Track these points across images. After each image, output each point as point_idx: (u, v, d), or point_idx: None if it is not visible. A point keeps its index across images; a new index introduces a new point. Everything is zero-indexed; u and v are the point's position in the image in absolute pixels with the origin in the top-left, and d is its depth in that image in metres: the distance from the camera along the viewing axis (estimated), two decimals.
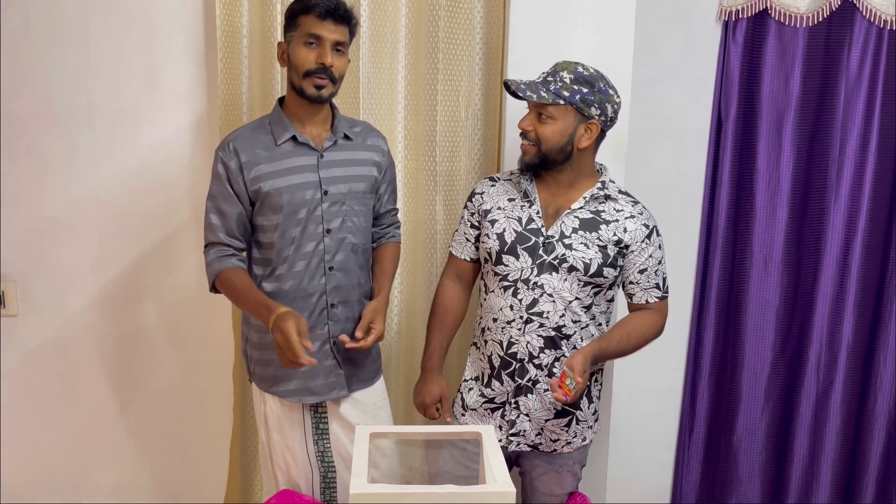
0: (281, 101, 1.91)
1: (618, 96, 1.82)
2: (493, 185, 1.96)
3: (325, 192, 1.83)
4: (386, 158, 1.99)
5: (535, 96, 1.75)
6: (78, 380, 2.53)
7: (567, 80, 1.75)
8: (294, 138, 1.83)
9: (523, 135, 1.83)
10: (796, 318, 2.64)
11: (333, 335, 1.88)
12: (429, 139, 2.35)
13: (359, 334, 1.82)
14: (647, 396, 2.69)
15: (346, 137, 1.89)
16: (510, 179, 1.95)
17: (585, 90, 1.75)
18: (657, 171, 2.49)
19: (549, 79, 1.77)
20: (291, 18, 1.79)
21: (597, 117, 1.78)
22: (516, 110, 2.25)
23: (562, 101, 1.75)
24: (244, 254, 1.89)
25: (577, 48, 2.20)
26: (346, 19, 1.78)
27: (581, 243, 1.80)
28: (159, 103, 2.37)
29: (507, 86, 1.83)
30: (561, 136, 1.78)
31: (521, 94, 1.77)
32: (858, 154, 2.52)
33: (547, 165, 1.82)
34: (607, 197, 1.85)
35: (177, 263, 2.47)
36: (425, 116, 2.35)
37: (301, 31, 1.76)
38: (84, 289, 2.47)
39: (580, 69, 1.77)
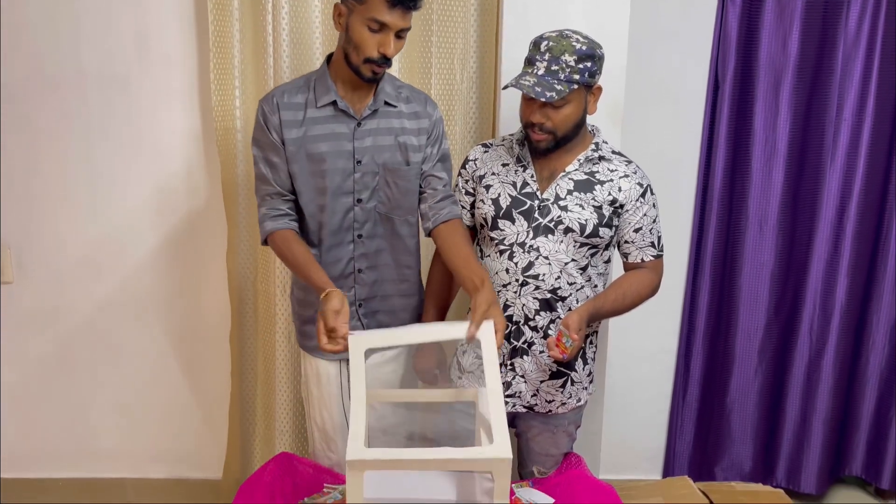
0: (328, 60, 1.84)
1: (602, 48, 1.77)
2: (486, 152, 1.95)
3: (359, 162, 1.80)
4: (432, 123, 1.89)
5: (554, 94, 1.68)
6: (74, 346, 2.55)
7: (572, 63, 1.69)
8: (335, 103, 1.79)
9: (537, 126, 1.76)
10: (791, 281, 2.65)
11: (359, 298, 1.89)
12: None
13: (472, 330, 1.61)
14: (642, 359, 2.71)
15: (388, 104, 1.83)
16: (503, 145, 1.94)
17: (589, 64, 1.72)
18: (653, 134, 2.47)
19: (554, 67, 1.70)
20: None
21: (598, 80, 1.77)
22: (512, 75, 2.23)
23: (574, 87, 1.71)
24: (294, 204, 1.84)
25: (573, 11, 2.17)
26: (415, 6, 1.70)
27: (576, 204, 1.80)
28: (150, 69, 2.35)
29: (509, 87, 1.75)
30: (576, 116, 1.77)
31: (535, 97, 1.69)
32: (855, 115, 2.50)
33: (563, 144, 1.80)
34: (601, 158, 1.85)
35: (171, 228, 2.47)
36: (420, 80, 2.32)
37: (367, 12, 1.66)
38: (79, 255, 2.47)
39: (577, 45, 1.70)
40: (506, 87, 1.76)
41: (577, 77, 1.70)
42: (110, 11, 2.29)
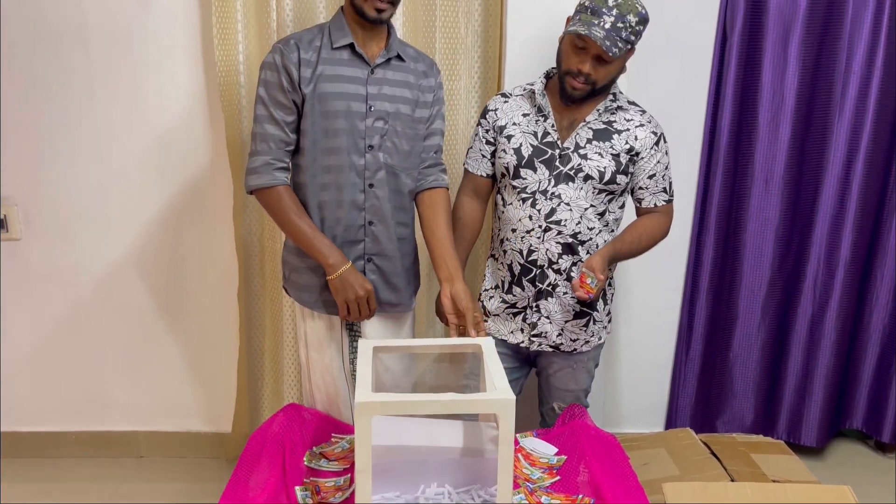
0: (342, 9, 1.84)
1: None
2: (505, 102, 1.97)
3: (370, 108, 1.80)
4: (437, 85, 1.92)
5: (617, 51, 1.73)
6: (82, 304, 2.57)
7: (633, 24, 1.75)
8: (351, 46, 1.79)
9: (578, 75, 1.79)
10: (795, 236, 2.65)
11: (369, 252, 1.88)
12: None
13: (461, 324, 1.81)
14: (646, 314, 2.73)
15: (399, 58, 1.85)
16: (522, 95, 1.97)
17: (643, 28, 1.79)
18: (660, 87, 2.45)
19: (619, 25, 1.73)
20: None
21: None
22: (518, 28, 2.21)
23: (629, 47, 1.78)
24: (290, 156, 1.84)
25: None
26: None
27: (595, 153, 1.87)
28: (153, 23, 2.33)
29: (578, 37, 1.75)
30: (617, 72, 1.84)
31: (607, 51, 1.72)
32: (864, 70, 2.48)
33: (595, 95, 1.85)
34: (618, 108, 1.91)
35: (178, 185, 2.47)
36: (424, 34, 2.30)
37: None
38: (86, 212, 2.48)
39: (639, 7, 1.76)
40: (573, 33, 1.74)
41: (633, 39, 1.77)
42: None
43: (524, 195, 1.90)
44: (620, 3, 1.74)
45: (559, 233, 1.89)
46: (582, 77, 1.79)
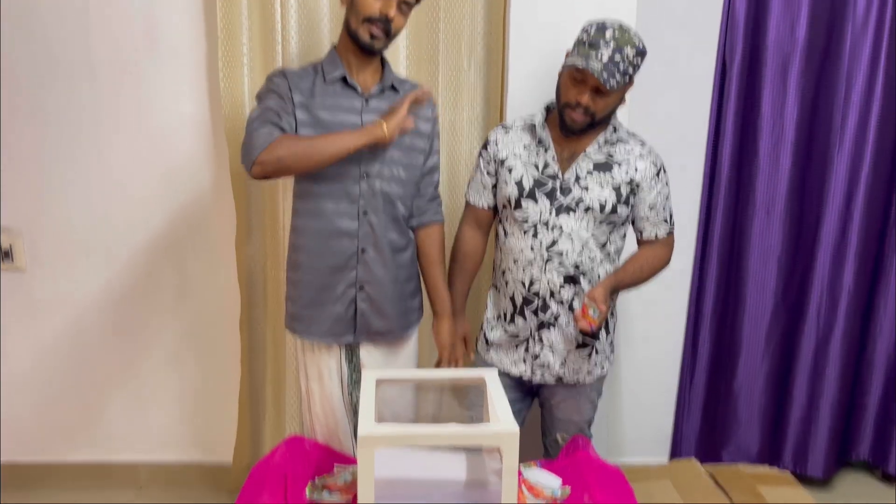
0: (335, 47, 1.88)
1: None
2: (506, 133, 1.99)
3: None
4: (434, 119, 1.95)
5: (615, 83, 1.75)
6: (85, 333, 2.57)
7: (631, 57, 1.76)
8: (344, 79, 1.82)
9: (577, 107, 1.80)
10: (798, 265, 2.65)
11: (361, 280, 1.88)
12: (431, 90, 2.33)
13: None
14: (650, 342, 2.72)
15: (394, 89, 1.88)
16: (522, 127, 1.98)
17: (641, 61, 1.80)
18: (661, 118, 2.47)
19: (617, 58, 1.75)
20: None
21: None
22: (520, 61, 2.24)
23: (627, 79, 1.79)
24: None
25: None
26: None
27: (596, 184, 1.88)
28: (159, 59, 2.36)
29: (577, 69, 1.77)
30: (615, 105, 1.86)
31: (604, 83, 1.74)
32: (863, 100, 2.50)
33: (594, 127, 1.86)
34: (618, 139, 1.92)
35: (183, 217, 2.49)
36: (427, 67, 2.33)
37: None
38: (90, 243, 2.49)
39: (636, 40, 1.77)
40: (572, 66, 1.76)
41: (631, 71, 1.79)
42: (119, 0, 2.30)
43: (525, 226, 1.91)
44: (618, 37, 1.75)
45: (561, 263, 1.90)
46: (581, 109, 1.80)
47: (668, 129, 2.48)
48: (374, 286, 1.90)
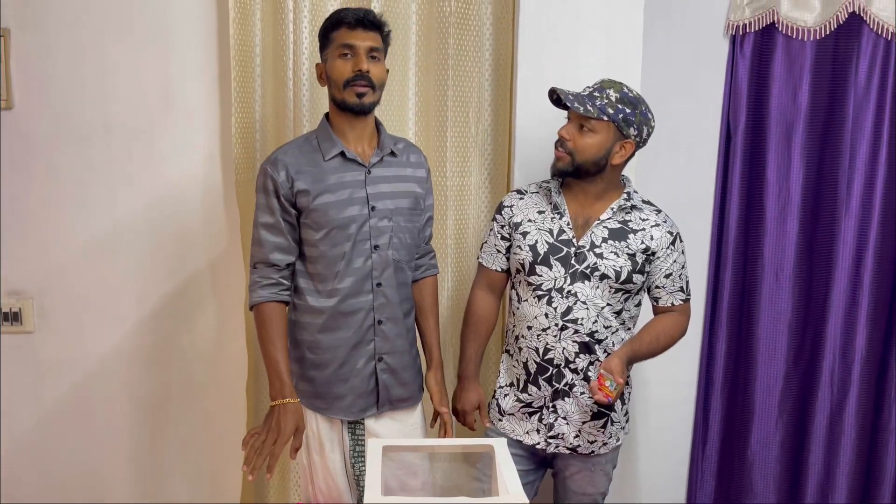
0: (327, 116, 1.90)
1: (654, 121, 1.89)
2: (521, 198, 2.00)
3: (373, 208, 1.82)
4: (428, 177, 1.98)
5: (581, 108, 1.80)
6: (93, 396, 2.55)
7: (612, 99, 1.81)
8: (342, 154, 1.82)
9: (560, 142, 1.87)
10: (809, 331, 2.63)
11: (380, 352, 1.87)
12: (439, 155, 2.37)
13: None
14: (661, 410, 2.68)
15: (392, 154, 1.89)
16: (538, 192, 2.00)
17: (628, 111, 1.82)
18: (667, 184, 2.49)
19: (596, 94, 1.82)
20: (324, 36, 1.81)
21: (633, 137, 1.85)
22: (527, 126, 2.28)
23: (605, 118, 1.81)
24: (290, 270, 1.86)
25: (586, 63, 2.23)
26: (377, 26, 1.79)
27: (611, 252, 1.87)
28: (174, 122, 2.40)
29: (552, 93, 1.87)
30: (598, 150, 1.84)
31: (567, 104, 1.82)
32: (868, 165, 2.52)
33: (579, 175, 1.88)
34: (633, 207, 1.92)
35: (192, 280, 2.50)
36: (436, 132, 2.37)
37: (335, 45, 1.77)
38: (100, 306, 2.49)
39: (625, 90, 1.83)
40: (550, 91, 1.85)
41: (610, 111, 1.80)
42: (136, 65, 2.35)
43: (540, 292, 1.90)
44: (605, 83, 1.83)
45: (576, 331, 1.87)
46: (559, 143, 1.85)
47: (674, 193, 2.50)
48: (393, 356, 1.89)
